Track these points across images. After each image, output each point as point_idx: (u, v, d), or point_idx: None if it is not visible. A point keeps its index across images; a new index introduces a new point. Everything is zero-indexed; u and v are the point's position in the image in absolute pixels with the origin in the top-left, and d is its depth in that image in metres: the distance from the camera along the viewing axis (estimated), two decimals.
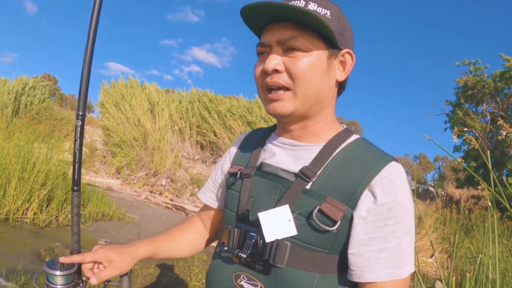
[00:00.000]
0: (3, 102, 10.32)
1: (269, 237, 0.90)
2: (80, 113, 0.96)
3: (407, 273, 0.86)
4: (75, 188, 1.02)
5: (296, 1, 0.91)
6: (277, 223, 0.90)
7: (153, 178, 9.22)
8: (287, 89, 0.92)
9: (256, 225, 0.94)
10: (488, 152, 1.94)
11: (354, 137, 1.00)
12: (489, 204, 1.95)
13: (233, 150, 1.18)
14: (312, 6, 0.91)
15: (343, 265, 0.92)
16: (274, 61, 0.91)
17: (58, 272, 0.97)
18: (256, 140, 1.12)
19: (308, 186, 0.91)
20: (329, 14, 0.92)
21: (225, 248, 0.97)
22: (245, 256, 0.92)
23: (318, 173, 0.92)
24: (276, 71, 0.92)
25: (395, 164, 0.92)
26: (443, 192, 9.85)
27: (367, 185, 0.88)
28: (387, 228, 0.86)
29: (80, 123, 0.96)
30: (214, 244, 1.20)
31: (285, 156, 1.00)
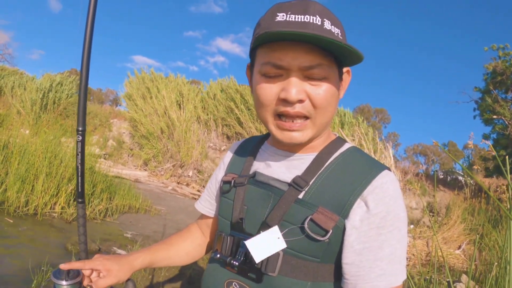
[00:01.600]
0: (32, 99, 10.58)
1: (258, 258, 0.90)
2: (80, 129, 0.98)
3: (401, 280, 0.87)
4: (80, 200, 1.05)
5: (311, 17, 0.83)
6: (266, 244, 0.90)
7: (180, 169, 9.35)
8: (306, 117, 0.89)
9: (249, 233, 0.95)
10: None
11: (347, 145, 1.00)
12: None
13: (227, 159, 1.19)
14: (327, 25, 0.83)
15: (335, 274, 0.92)
16: (297, 89, 0.85)
17: (64, 282, 1.00)
18: (249, 148, 1.13)
19: (300, 196, 0.92)
20: (340, 34, 0.86)
21: (218, 255, 0.99)
22: (237, 264, 0.94)
23: (310, 183, 0.92)
24: (300, 101, 0.86)
25: (387, 172, 0.92)
26: (472, 182, 9.60)
27: (359, 194, 0.88)
28: (381, 237, 0.86)
29: (80, 138, 0.99)
30: None
31: (279, 165, 1.00)
